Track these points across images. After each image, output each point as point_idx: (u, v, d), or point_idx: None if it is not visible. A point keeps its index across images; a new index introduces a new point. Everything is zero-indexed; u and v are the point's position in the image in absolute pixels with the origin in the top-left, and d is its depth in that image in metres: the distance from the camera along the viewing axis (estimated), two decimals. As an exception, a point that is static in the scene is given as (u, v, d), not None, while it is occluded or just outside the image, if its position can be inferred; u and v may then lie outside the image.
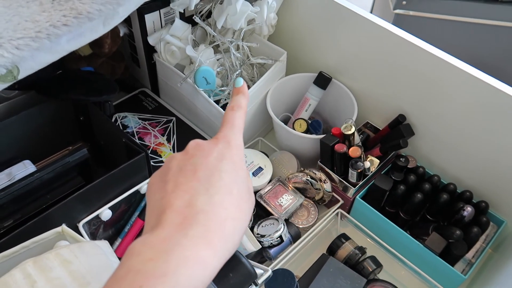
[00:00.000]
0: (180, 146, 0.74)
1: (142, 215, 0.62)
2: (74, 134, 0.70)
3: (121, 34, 0.71)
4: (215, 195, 0.27)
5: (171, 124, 0.77)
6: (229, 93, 0.73)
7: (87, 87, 0.65)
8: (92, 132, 0.69)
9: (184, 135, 0.76)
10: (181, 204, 0.26)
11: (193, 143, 0.31)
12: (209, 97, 0.70)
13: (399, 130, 0.67)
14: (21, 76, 0.42)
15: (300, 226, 0.65)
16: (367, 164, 0.65)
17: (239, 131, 0.33)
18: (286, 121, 0.81)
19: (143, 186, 0.59)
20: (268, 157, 0.72)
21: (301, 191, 0.68)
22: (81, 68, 0.71)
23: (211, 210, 0.26)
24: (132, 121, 0.77)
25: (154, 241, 0.24)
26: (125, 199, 0.58)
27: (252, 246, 0.58)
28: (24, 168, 0.56)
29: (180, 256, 0.24)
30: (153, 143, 0.73)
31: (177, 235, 0.25)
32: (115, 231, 0.62)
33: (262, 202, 0.66)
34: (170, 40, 0.70)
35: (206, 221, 0.26)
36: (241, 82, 0.37)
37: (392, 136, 0.68)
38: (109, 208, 0.56)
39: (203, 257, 0.24)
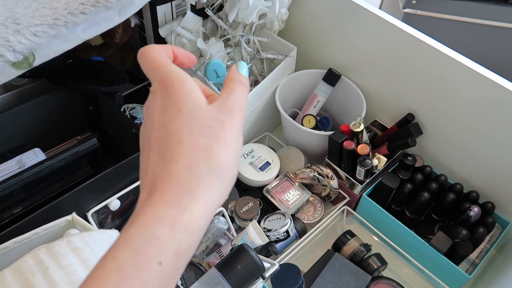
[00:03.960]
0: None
1: (149, 206, 0.62)
2: (82, 124, 0.70)
3: (132, 25, 0.71)
4: (166, 154, 0.26)
5: (179, 117, 0.77)
6: (238, 87, 0.72)
7: (97, 77, 0.65)
8: (100, 122, 0.69)
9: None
10: (147, 181, 0.27)
11: (143, 111, 0.29)
12: (219, 90, 0.70)
13: (407, 128, 0.67)
14: (36, 63, 0.42)
15: (306, 222, 0.66)
16: (375, 161, 0.65)
17: (169, 64, 0.28)
18: (293, 117, 0.81)
19: (151, 177, 0.59)
20: (275, 152, 0.72)
21: (308, 187, 0.68)
22: (91, 58, 0.71)
23: (164, 171, 0.26)
24: (140, 113, 0.76)
25: (128, 222, 0.25)
26: (133, 190, 0.58)
27: (260, 239, 0.58)
28: (34, 156, 0.56)
29: (139, 222, 0.24)
30: (161, 135, 0.73)
31: (141, 208, 0.25)
32: (123, 221, 0.62)
33: (269, 197, 0.66)
34: (181, 32, 0.70)
35: (162, 185, 0.25)
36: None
37: (400, 134, 0.68)
38: (118, 198, 0.56)
39: (167, 216, 0.24)
